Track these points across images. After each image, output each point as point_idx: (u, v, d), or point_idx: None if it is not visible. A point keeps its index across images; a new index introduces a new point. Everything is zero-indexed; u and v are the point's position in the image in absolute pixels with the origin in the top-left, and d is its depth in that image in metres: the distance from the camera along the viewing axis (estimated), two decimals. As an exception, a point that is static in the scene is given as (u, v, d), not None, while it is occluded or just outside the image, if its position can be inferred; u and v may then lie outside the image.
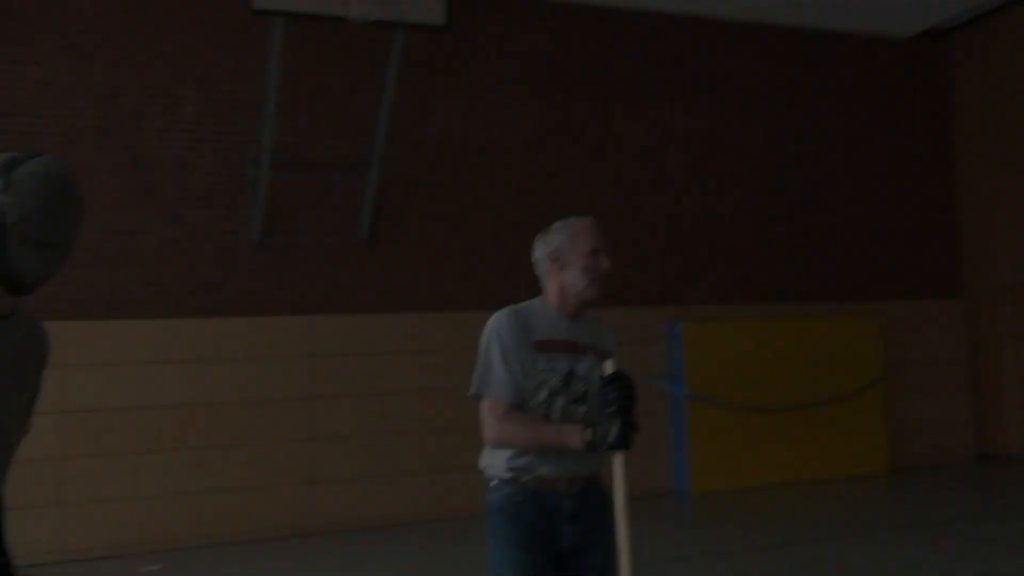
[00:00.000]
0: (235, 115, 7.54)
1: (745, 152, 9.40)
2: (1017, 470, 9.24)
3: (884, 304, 9.69)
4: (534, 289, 2.91)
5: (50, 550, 6.47)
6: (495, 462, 2.72)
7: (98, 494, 6.80)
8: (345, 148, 7.83)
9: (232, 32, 7.51)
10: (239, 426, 7.26)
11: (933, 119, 10.33)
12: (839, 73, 9.91)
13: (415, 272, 8.06)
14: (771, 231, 9.42)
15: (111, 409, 6.93)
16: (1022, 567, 5.51)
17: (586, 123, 8.79)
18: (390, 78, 7.29)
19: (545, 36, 8.71)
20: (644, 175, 8.98)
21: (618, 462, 2.59)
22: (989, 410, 9.94)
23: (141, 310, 7.15)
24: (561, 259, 2.78)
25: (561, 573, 2.66)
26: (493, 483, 2.73)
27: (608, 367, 2.65)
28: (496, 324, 2.73)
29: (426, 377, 7.82)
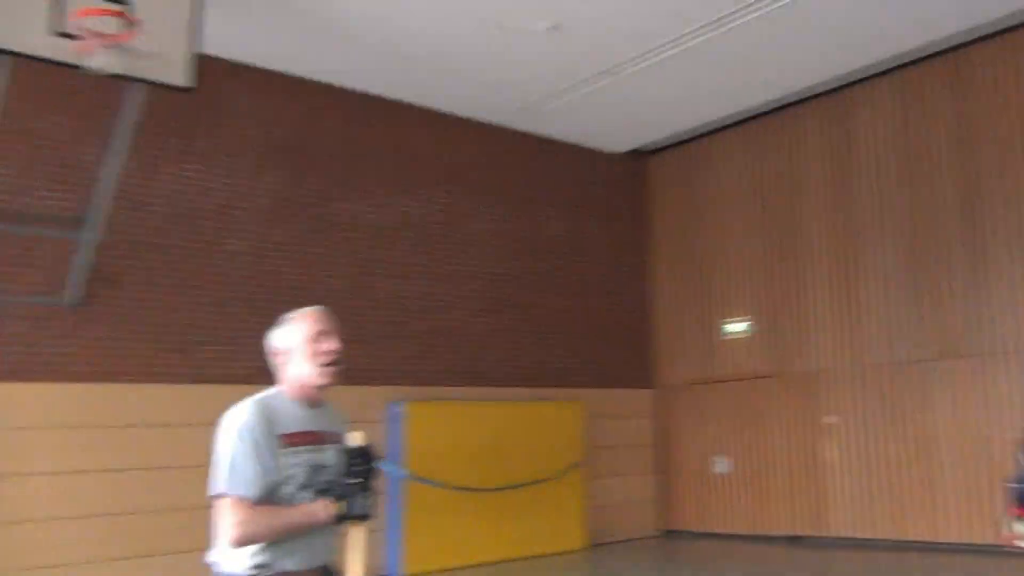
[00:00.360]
0: (-69, 154, 6.69)
1: (473, 243, 9.86)
2: (696, 545, 10.27)
3: (587, 392, 10.47)
4: (255, 365, 2.93)
5: None
6: (233, 558, 2.64)
7: None
8: (62, 202, 7.20)
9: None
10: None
11: (637, 229, 11.51)
12: (563, 178, 10.78)
13: (129, 340, 7.49)
14: (492, 319, 9.90)
15: None
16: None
17: (322, 200, 8.79)
18: (122, 133, 6.84)
19: (289, 110, 8.66)
20: (376, 257, 9.10)
21: (357, 537, 2.71)
22: (672, 490, 11.03)
23: None
24: (289, 351, 2.80)
25: None
26: None
27: (356, 438, 2.76)
28: (240, 419, 2.66)
29: (133, 455, 7.24)
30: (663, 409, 11.24)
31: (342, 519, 2.64)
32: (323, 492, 2.70)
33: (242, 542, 2.58)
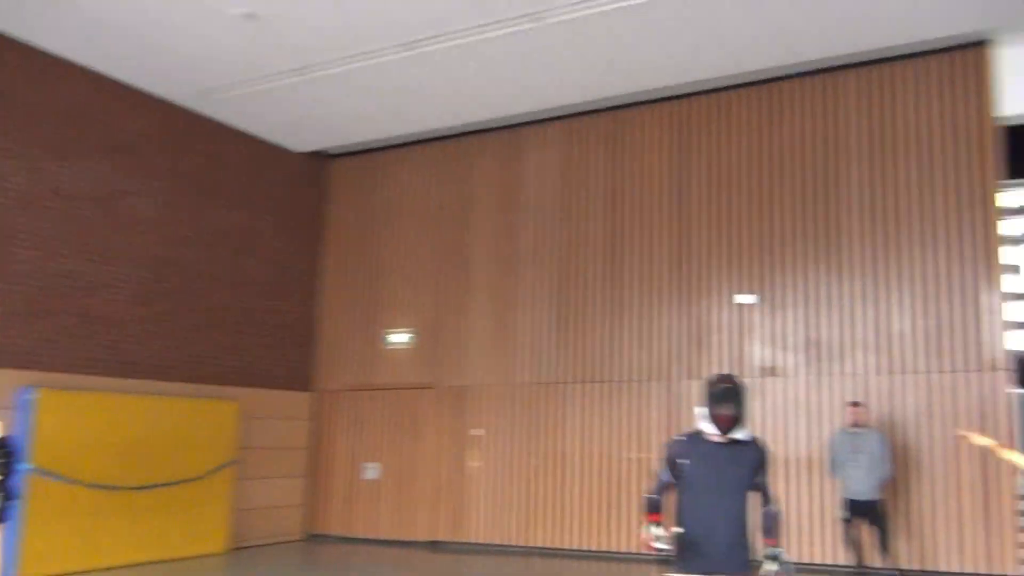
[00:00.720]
0: None
1: (135, 224, 9.25)
2: (339, 549, 10.35)
3: (244, 391, 10.21)
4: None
5: None
6: None
7: None
8: None
9: None
10: None
11: (311, 231, 11.47)
12: (239, 170, 10.47)
13: None
14: (148, 308, 9.33)
15: None
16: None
17: (-40, 155, 7.81)
18: None
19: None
20: (18, 225, 8.24)
21: None
22: (320, 495, 11.05)
23: None
24: None
25: None
26: None
27: None
28: None
29: None
30: (320, 413, 11.26)
31: None
32: None
33: None
